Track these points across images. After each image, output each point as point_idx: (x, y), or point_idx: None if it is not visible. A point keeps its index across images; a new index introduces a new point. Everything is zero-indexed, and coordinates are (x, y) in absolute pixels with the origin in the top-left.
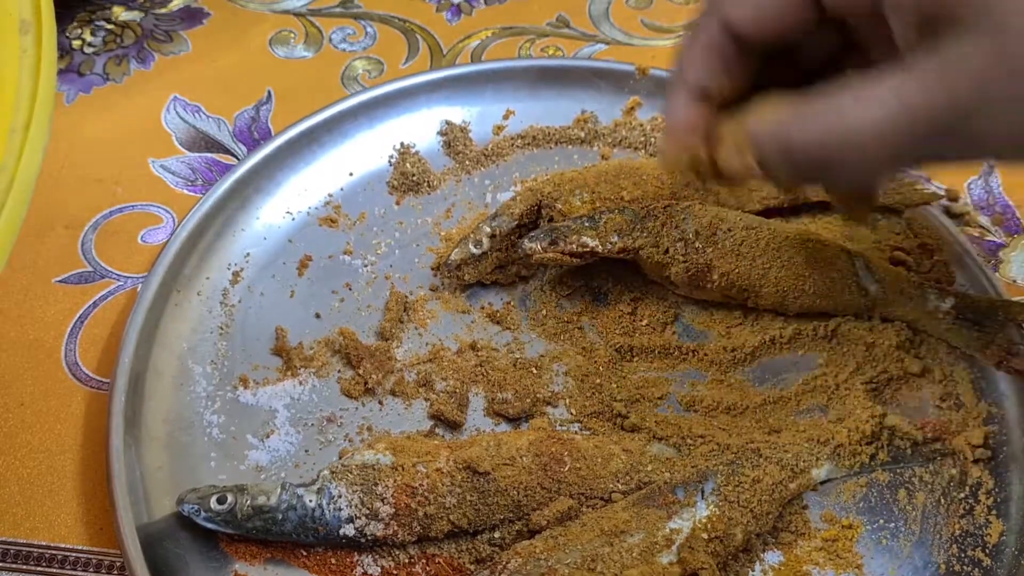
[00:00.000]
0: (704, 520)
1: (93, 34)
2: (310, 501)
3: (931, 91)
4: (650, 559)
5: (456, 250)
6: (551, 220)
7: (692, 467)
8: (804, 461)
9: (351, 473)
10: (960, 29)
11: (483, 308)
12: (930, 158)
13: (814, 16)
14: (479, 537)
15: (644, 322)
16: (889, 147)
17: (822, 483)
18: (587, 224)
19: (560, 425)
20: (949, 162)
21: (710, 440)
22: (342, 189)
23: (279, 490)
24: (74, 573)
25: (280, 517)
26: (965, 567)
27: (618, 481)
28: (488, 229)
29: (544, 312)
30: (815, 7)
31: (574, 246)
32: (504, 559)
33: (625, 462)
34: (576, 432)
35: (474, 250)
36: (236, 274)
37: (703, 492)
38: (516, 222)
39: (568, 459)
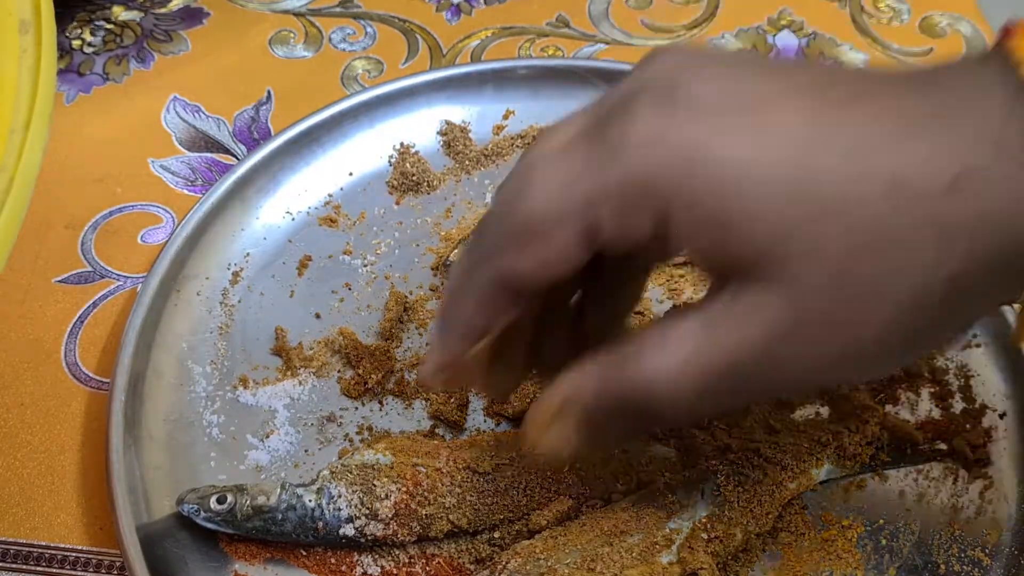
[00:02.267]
0: (704, 520)
1: (93, 34)
2: (310, 501)
3: (726, 342)
4: (650, 559)
5: (456, 250)
6: None
7: (692, 467)
8: (804, 461)
9: (351, 473)
10: (753, 282)
11: None
12: (738, 401)
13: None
14: (479, 537)
15: (648, 318)
16: (690, 394)
17: (822, 483)
18: None
19: None
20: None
21: (710, 440)
22: (342, 189)
23: (279, 490)
24: (74, 573)
25: (280, 517)
26: (965, 567)
27: (618, 481)
28: None
29: None
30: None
31: None
32: (504, 559)
33: (624, 462)
34: None
35: None
36: (236, 274)
37: (703, 492)
38: None
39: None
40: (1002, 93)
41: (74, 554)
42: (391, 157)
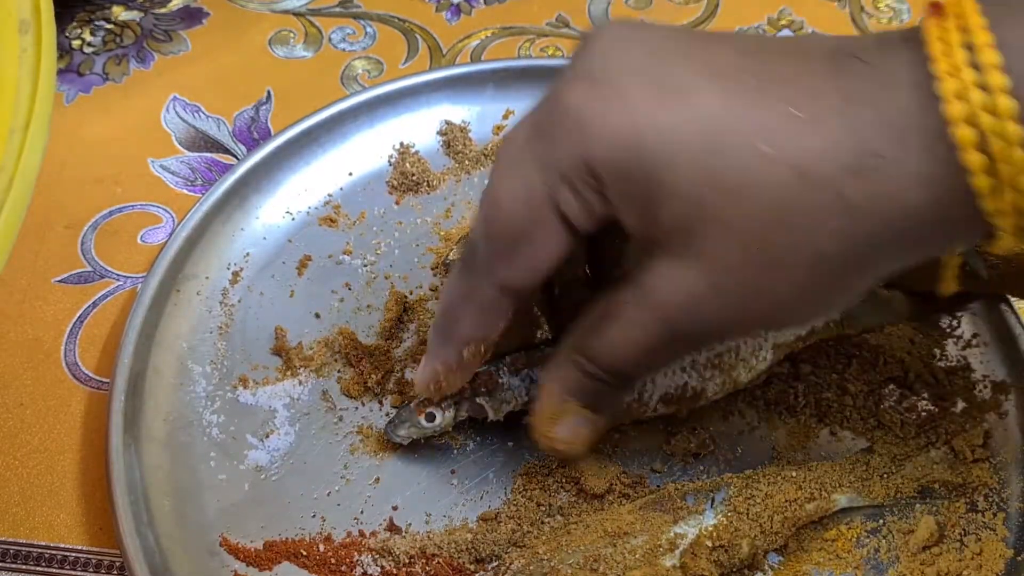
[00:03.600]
0: (710, 528)
1: (93, 34)
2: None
3: (655, 309)
4: (653, 561)
5: (455, 249)
6: None
7: (704, 474)
8: (826, 485)
9: None
10: (673, 255)
11: None
12: (687, 349)
13: (583, 248)
14: (479, 537)
15: None
16: (644, 355)
17: (843, 511)
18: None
19: None
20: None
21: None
22: (342, 189)
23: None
24: (74, 573)
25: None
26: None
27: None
28: None
29: None
30: (581, 241)
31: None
32: (507, 560)
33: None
34: None
35: None
36: (236, 274)
37: (713, 501)
38: None
39: None
40: (909, 80)
41: (74, 554)
42: (391, 157)
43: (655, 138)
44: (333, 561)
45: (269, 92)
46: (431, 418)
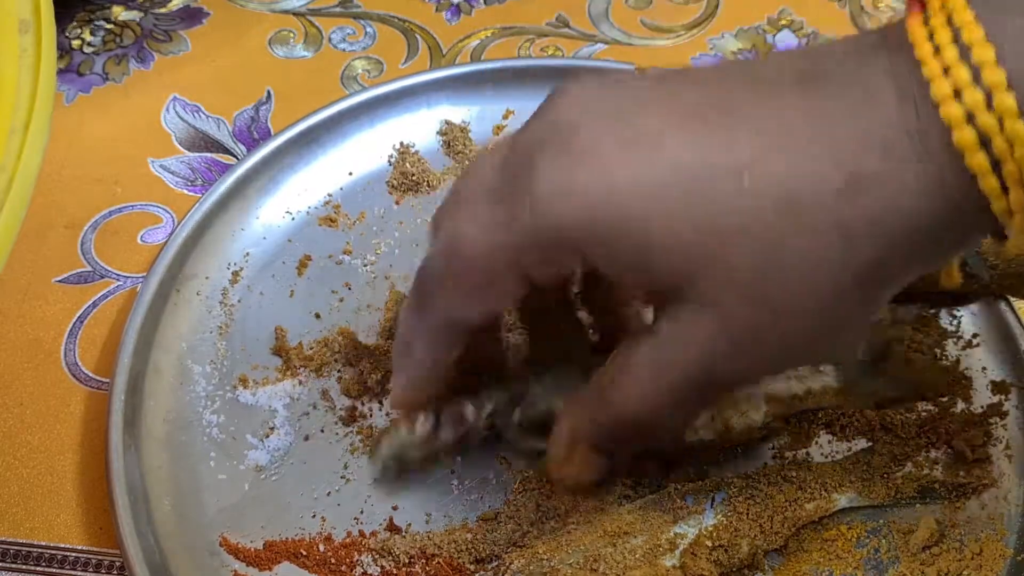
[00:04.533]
0: (710, 528)
1: (93, 34)
2: None
3: (674, 362)
4: (653, 561)
5: None
6: None
7: (705, 474)
8: (826, 485)
9: None
10: (684, 303)
11: None
12: (706, 402)
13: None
14: (479, 537)
15: None
16: (663, 410)
17: (843, 511)
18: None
19: None
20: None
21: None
22: (342, 189)
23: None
24: (74, 573)
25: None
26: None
27: None
28: None
29: None
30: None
31: None
32: (507, 560)
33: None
34: None
35: None
36: (236, 274)
37: (713, 500)
38: None
39: None
40: (891, 87)
41: (74, 554)
42: (391, 157)
43: (631, 195)
44: (333, 561)
45: (269, 92)
46: (410, 429)
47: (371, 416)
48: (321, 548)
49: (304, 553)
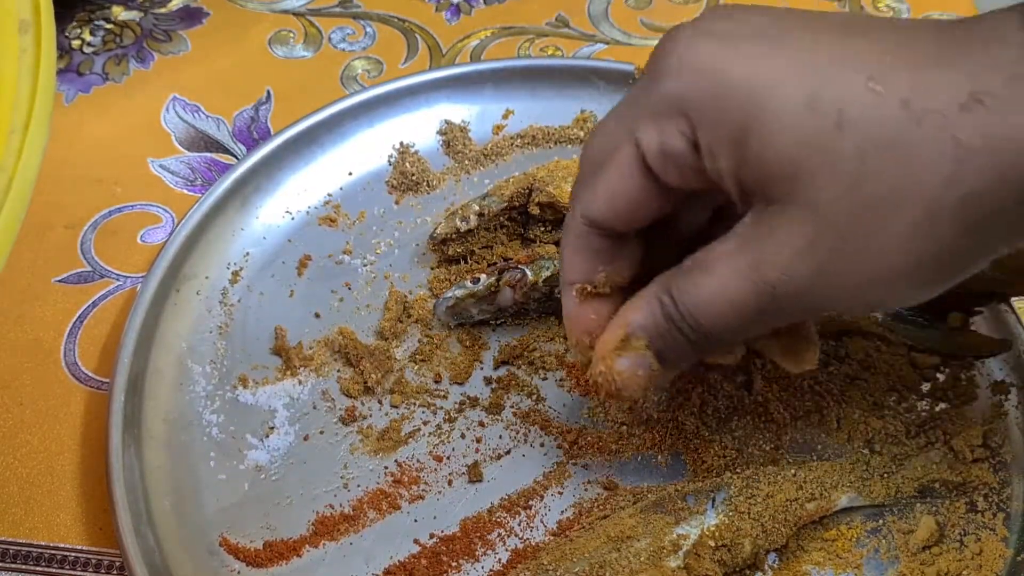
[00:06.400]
0: (712, 528)
1: (92, 34)
2: None
3: (757, 264)
4: (658, 563)
5: (443, 224)
6: (539, 203)
7: (706, 475)
8: (826, 484)
9: None
10: (775, 203)
11: None
12: (780, 319)
13: (668, 198)
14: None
15: None
16: (732, 315)
17: (843, 511)
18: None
19: None
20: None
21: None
22: (341, 189)
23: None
24: (74, 573)
25: None
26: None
27: None
28: (476, 207)
29: None
30: (665, 190)
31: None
32: (512, 574)
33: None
34: None
35: (460, 225)
36: (235, 274)
37: (714, 501)
38: (506, 203)
39: None
40: (1018, 38)
41: (74, 554)
42: (391, 157)
43: (753, 73)
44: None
45: (269, 92)
46: (475, 281)
47: (371, 416)
48: (322, 547)
49: (304, 553)
